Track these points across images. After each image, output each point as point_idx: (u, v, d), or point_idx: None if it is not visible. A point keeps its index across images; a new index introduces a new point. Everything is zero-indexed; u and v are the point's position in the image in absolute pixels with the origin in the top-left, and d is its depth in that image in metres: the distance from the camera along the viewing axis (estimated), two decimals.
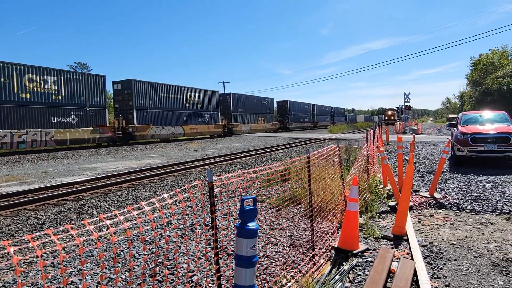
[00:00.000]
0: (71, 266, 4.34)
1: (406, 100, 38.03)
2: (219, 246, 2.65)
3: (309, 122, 66.89)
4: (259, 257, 4.35)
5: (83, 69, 70.53)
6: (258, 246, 4.68)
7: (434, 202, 7.12)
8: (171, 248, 4.72)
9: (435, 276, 3.94)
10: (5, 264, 4.38)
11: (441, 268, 4.13)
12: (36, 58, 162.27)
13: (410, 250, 4.60)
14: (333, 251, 4.62)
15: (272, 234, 5.21)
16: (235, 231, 2.43)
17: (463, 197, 7.40)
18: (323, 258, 4.31)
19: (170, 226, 5.75)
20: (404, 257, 4.40)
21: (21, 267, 4.46)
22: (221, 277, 2.71)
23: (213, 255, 2.64)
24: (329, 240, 4.80)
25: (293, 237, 5.14)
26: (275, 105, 58.20)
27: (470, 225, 5.75)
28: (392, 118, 73.96)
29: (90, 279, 3.91)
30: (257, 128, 48.92)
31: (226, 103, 43.35)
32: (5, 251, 1.42)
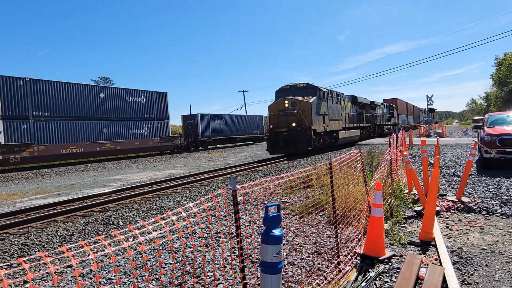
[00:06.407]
0: (99, 276, 4.45)
1: (429, 103, 37.29)
2: (243, 254, 2.67)
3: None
4: (284, 265, 4.34)
5: (106, 83, 72.35)
6: (283, 254, 4.68)
7: (462, 206, 6.92)
8: (197, 257, 4.77)
9: (466, 282, 3.83)
10: (37, 275, 4.53)
11: (471, 274, 4.02)
12: (58, 76, 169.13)
13: (439, 256, 4.49)
14: (358, 257, 4.56)
15: (296, 241, 5.18)
16: (259, 239, 2.45)
17: (492, 201, 7.17)
18: (349, 265, 4.26)
19: (195, 234, 5.81)
20: (433, 263, 4.30)
21: (52, 277, 4.60)
22: (247, 285, 2.73)
23: (238, 263, 2.67)
24: (354, 246, 4.75)
25: (317, 244, 5.10)
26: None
27: (501, 229, 5.57)
28: (294, 126, 19.53)
29: None
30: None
31: None
32: (37, 262, 1.50)
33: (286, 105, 20.11)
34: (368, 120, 32.64)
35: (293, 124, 19.63)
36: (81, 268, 4.75)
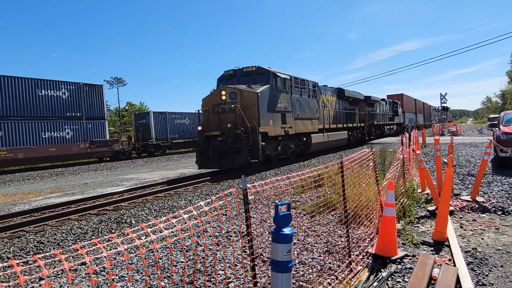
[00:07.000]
0: (112, 273, 4.51)
1: (442, 101, 36.76)
2: (254, 253, 2.68)
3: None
4: (295, 264, 4.33)
5: (119, 83, 72.57)
6: (294, 253, 4.67)
7: (477, 206, 6.81)
8: (208, 256, 4.80)
9: (480, 283, 3.77)
10: (52, 272, 4.60)
11: (486, 275, 3.95)
12: (71, 76, 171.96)
13: (452, 256, 4.43)
14: (370, 257, 4.52)
15: (307, 241, 5.17)
16: (270, 238, 2.46)
17: (508, 200, 7.03)
18: (360, 265, 4.23)
19: (207, 233, 5.84)
20: (446, 263, 4.24)
21: (66, 274, 4.68)
22: (257, 283, 2.74)
23: (249, 262, 2.67)
24: (366, 246, 4.71)
25: (328, 243, 5.08)
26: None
27: None
28: (230, 127, 13.18)
29: (131, 286, 4.05)
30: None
31: None
32: (52, 259, 1.54)
33: (224, 97, 13.70)
34: (361, 119, 26.06)
35: (229, 125, 13.06)
36: (95, 265, 4.81)
